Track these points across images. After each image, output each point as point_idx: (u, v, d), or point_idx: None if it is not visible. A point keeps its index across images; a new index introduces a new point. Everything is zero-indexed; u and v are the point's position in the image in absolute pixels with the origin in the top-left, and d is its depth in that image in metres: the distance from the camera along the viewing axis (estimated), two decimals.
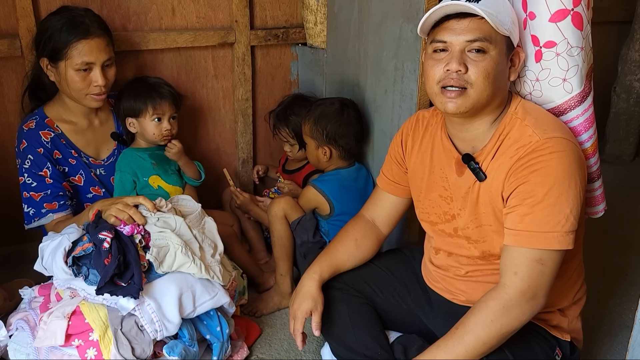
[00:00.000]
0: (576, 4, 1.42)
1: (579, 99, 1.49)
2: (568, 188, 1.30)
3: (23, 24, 2.00)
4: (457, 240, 1.53)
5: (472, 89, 1.34)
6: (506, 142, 1.39)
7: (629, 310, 2.13)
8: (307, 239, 2.10)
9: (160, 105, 2.05)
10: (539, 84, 1.50)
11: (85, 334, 1.55)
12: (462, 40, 1.33)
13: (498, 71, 1.35)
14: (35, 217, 1.88)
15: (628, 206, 2.97)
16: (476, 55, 1.33)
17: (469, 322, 1.33)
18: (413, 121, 1.65)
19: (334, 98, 2.20)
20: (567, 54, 1.45)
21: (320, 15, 2.43)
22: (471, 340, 1.31)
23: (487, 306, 1.33)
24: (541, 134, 1.34)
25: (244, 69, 2.48)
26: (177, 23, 2.35)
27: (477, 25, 1.32)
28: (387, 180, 1.72)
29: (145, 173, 2.06)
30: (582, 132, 1.52)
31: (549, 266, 1.32)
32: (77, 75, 1.85)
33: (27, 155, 1.88)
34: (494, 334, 1.31)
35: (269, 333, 1.99)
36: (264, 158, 2.74)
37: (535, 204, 1.31)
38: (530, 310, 1.33)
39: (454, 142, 1.50)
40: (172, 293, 1.61)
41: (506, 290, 1.32)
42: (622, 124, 3.58)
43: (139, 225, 1.65)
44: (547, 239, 1.30)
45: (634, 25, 3.41)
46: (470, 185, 1.45)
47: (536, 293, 1.32)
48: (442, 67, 1.35)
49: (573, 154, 1.34)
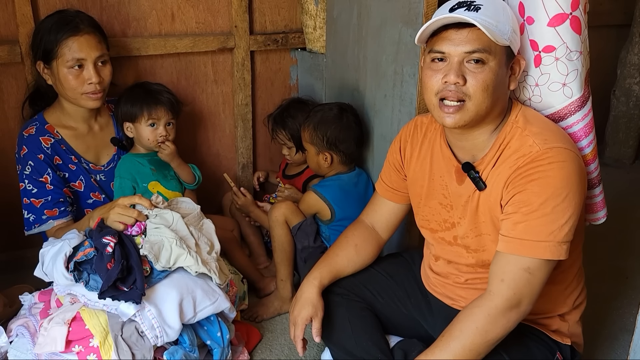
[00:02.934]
0: (574, 8, 1.42)
1: (578, 103, 1.49)
2: (565, 199, 1.29)
3: (23, 30, 2.01)
4: (457, 248, 1.52)
5: (470, 102, 1.31)
6: (506, 152, 1.37)
7: (630, 313, 2.13)
8: (308, 244, 2.09)
9: (156, 111, 2.05)
10: (538, 89, 1.49)
11: (85, 340, 1.55)
12: (461, 52, 1.30)
13: (497, 82, 1.32)
14: (35, 224, 1.88)
15: (628, 209, 2.97)
16: (475, 67, 1.30)
17: (455, 329, 1.33)
18: (411, 127, 1.63)
19: (332, 103, 2.20)
20: (567, 59, 1.44)
21: (320, 20, 2.43)
22: (458, 347, 1.32)
23: (472, 313, 1.33)
24: (542, 144, 1.32)
25: (243, 74, 2.48)
26: (177, 28, 2.35)
27: (476, 36, 1.29)
28: (385, 186, 1.71)
29: (145, 179, 2.06)
30: (582, 137, 1.51)
31: (537, 276, 1.30)
32: (70, 74, 1.84)
33: (27, 161, 1.88)
34: (479, 341, 1.31)
35: (269, 338, 1.99)
36: (264, 163, 2.74)
37: (529, 212, 1.29)
38: (514, 317, 1.32)
39: (454, 151, 1.49)
40: (173, 299, 1.61)
41: (491, 297, 1.32)
42: (622, 127, 3.58)
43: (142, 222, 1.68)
44: (538, 248, 1.29)
45: (632, 28, 3.41)
46: (470, 194, 1.44)
47: (521, 300, 1.31)
48: (440, 78, 1.32)
49: (573, 164, 1.32)
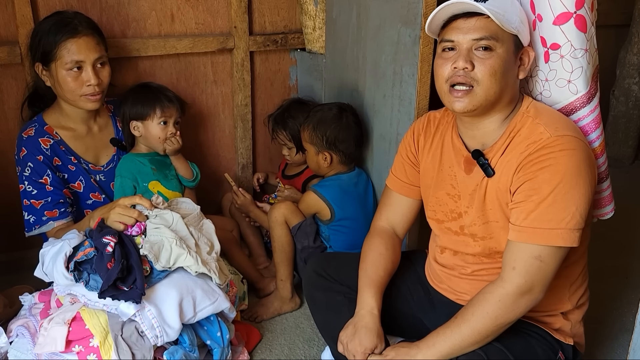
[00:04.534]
0: (579, 6, 1.43)
1: (584, 100, 1.50)
2: (575, 186, 1.31)
3: (23, 31, 2.01)
4: (463, 238, 1.53)
5: (478, 87, 1.36)
6: (516, 139, 1.40)
7: (630, 313, 2.13)
8: (308, 244, 2.09)
9: (169, 108, 2.07)
10: (548, 84, 1.52)
11: (85, 340, 1.55)
12: (469, 39, 1.35)
13: (505, 69, 1.36)
14: (35, 225, 1.88)
15: (628, 209, 2.97)
16: (483, 53, 1.35)
17: (467, 313, 1.38)
18: (425, 121, 1.65)
19: (331, 103, 2.20)
20: (571, 56, 1.46)
21: (319, 21, 2.44)
22: (467, 330, 1.36)
23: (484, 299, 1.37)
24: (552, 132, 1.35)
25: (243, 74, 2.49)
26: (177, 29, 2.36)
27: (483, 24, 1.34)
28: (401, 182, 1.69)
29: (145, 178, 2.06)
30: (590, 131, 1.53)
31: (548, 263, 1.33)
32: (68, 76, 1.84)
33: (27, 162, 1.88)
34: (489, 324, 1.35)
35: (269, 338, 1.99)
36: (264, 163, 2.74)
37: (540, 200, 1.32)
38: (525, 303, 1.35)
39: (464, 141, 1.51)
40: (173, 298, 1.61)
41: (503, 284, 1.35)
42: (621, 127, 3.59)
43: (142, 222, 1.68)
44: (549, 235, 1.31)
45: (631, 28, 3.42)
46: (478, 183, 1.46)
47: (532, 287, 1.34)
48: (450, 65, 1.37)
49: (583, 153, 1.34)
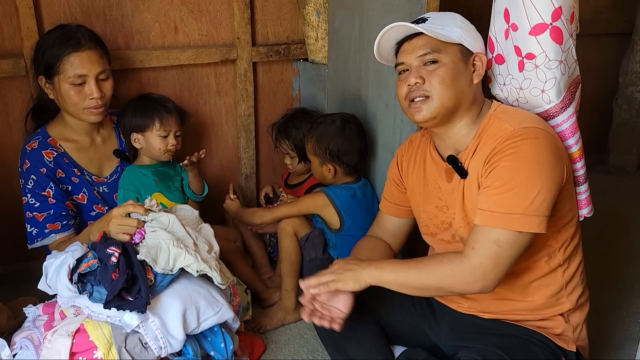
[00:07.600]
0: (555, 18, 1.46)
1: (557, 109, 1.54)
2: (537, 173, 1.34)
3: (28, 43, 2.02)
4: (455, 245, 1.56)
5: (433, 95, 1.45)
6: (485, 139, 1.45)
7: (636, 322, 2.11)
8: (316, 255, 2.09)
9: (168, 120, 2.07)
10: (522, 92, 1.56)
11: (89, 352, 1.55)
12: (415, 57, 1.47)
13: (454, 75, 1.45)
14: (38, 237, 1.88)
15: (632, 217, 2.97)
16: (431, 67, 1.45)
17: (422, 263, 1.43)
18: (407, 143, 1.74)
19: (335, 114, 2.19)
20: (545, 67, 1.50)
21: (321, 31, 2.45)
22: (413, 275, 1.42)
23: (441, 261, 1.41)
24: (516, 125, 1.41)
25: (246, 85, 2.50)
26: (180, 41, 2.37)
27: (425, 41, 1.46)
28: (388, 203, 1.78)
29: (148, 190, 2.06)
30: (568, 136, 1.56)
31: (504, 248, 1.34)
32: (72, 89, 1.85)
33: (30, 175, 1.88)
34: (432, 283, 1.41)
35: (273, 349, 1.98)
36: (267, 173, 2.74)
37: (500, 185, 1.36)
38: (474, 288, 1.38)
39: (440, 152, 1.58)
40: (176, 309, 1.61)
41: (461, 258, 1.38)
42: (625, 135, 3.58)
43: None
44: (506, 219, 1.34)
45: (634, 36, 3.43)
46: (457, 186, 1.50)
47: (486, 274, 1.36)
48: (405, 84, 1.48)
49: (546, 141, 1.38)
